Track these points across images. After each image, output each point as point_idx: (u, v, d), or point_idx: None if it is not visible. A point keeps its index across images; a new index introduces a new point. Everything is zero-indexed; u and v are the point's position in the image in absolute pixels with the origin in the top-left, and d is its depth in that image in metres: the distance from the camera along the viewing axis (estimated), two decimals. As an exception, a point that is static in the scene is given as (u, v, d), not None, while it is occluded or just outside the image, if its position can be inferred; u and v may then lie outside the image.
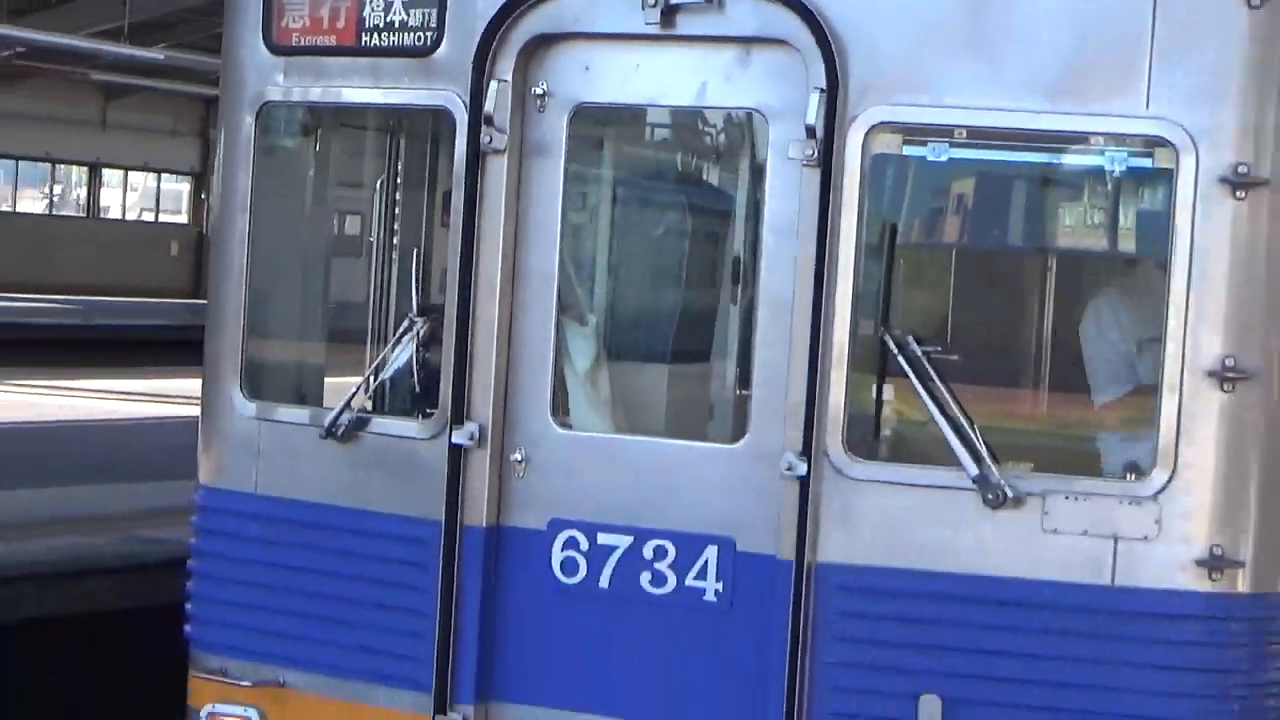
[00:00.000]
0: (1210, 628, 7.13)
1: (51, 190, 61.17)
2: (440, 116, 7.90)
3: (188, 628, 8.38)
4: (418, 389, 7.98)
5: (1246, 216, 7.13)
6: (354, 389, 8.12)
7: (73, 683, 13.85)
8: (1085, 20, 7.18)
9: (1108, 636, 7.13)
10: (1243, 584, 7.13)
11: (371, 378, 8.14)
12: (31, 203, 59.75)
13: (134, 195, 63.59)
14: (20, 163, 57.37)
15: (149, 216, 63.73)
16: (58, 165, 60.48)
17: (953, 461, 7.24)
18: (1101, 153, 7.45)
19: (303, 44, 8.16)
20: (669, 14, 7.52)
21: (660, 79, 7.79)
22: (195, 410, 8.76)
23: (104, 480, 18.07)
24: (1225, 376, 7.10)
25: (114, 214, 63.10)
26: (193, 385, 8.95)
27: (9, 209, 56.37)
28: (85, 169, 61.14)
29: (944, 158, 7.56)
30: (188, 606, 8.40)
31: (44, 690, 14.06)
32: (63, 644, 14.02)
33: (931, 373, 7.35)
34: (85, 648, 13.91)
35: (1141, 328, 7.35)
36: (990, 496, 7.19)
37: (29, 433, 23.06)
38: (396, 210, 8.41)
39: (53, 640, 14.04)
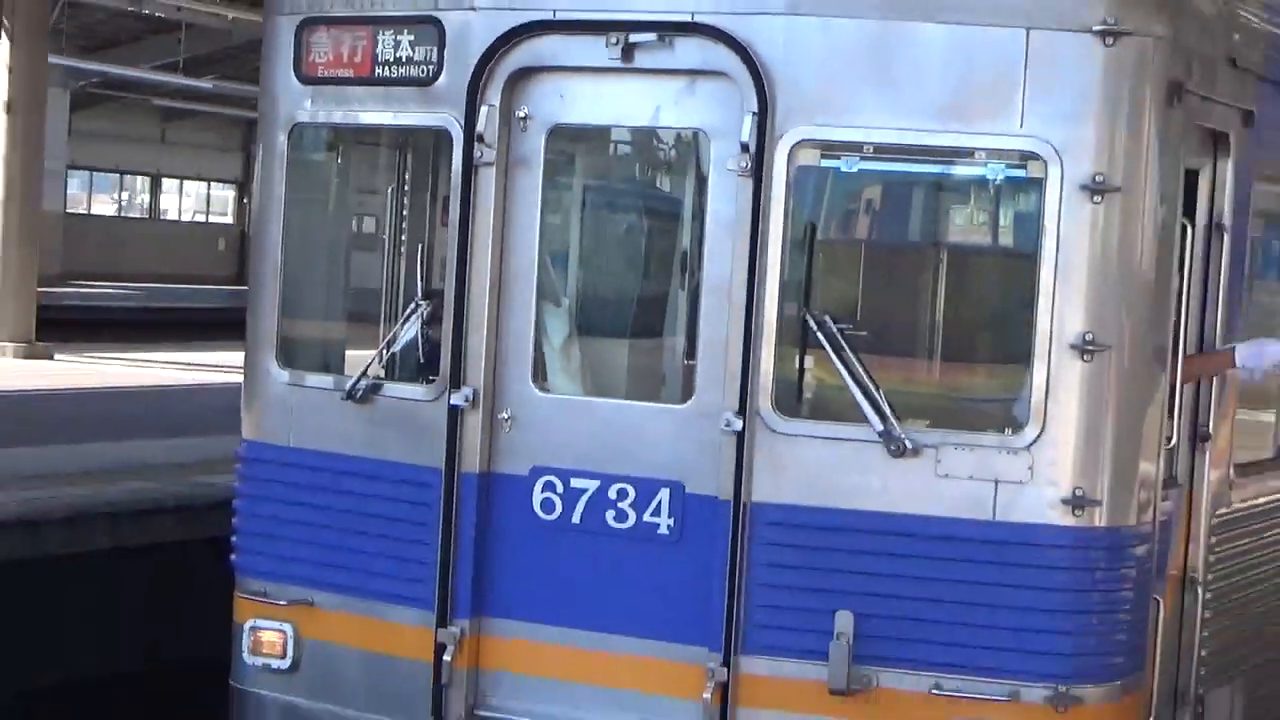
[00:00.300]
0: (1074, 555, 7.13)
1: (120, 196, 61.07)
2: (440, 135, 7.85)
3: (234, 557, 8.34)
4: (422, 360, 7.94)
5: (1102, 217, 7.12)
6: (370, 359, 8.11)
7: (141, 606, 13.80)
8: (969, 57, 7.18)
9: (990, 562, 7.12)
10: (1099, 519, 7.13)
11: (384, 350, 8.10)
12: (103, 207, 59.60)
13: (188, 200, 63.56)
14: (94, 174, 57.17)
15: (200, 218, 63.63)
16: (125, 175, 60.29)
17: (862, 419, 7.22)
18: (984, 165, 7.44)
19: (327, 75, 8.12)
20: (628, 51, 7.48)
21: (621, 104, 7.78)
22: (238, 377, 8.69)
23: (164, 435, 17.99)
24: (1085, 349, 7.09)
25: (171, 216, 62.96)
26: (236, 357, 8.87)
27: (85, 212, 56.12)
28: (148, 178, 60.95)
29: (855, 169, 7.56)
30: (233, 539, 8.36)
31: (122, 610, 14.02)
32: (134, 572, 13.96)
33: (844, 345, 7.32)
34: (153, 576, 13.83)
35: (1016, 308, 7.33)
36: (893, 448, 7.17)
37: (102, 396, 22.92)
38: (404, 212, 8.40)
39: (125, 569, 13.99)
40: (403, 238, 8.38)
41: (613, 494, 7.56)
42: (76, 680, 14.00)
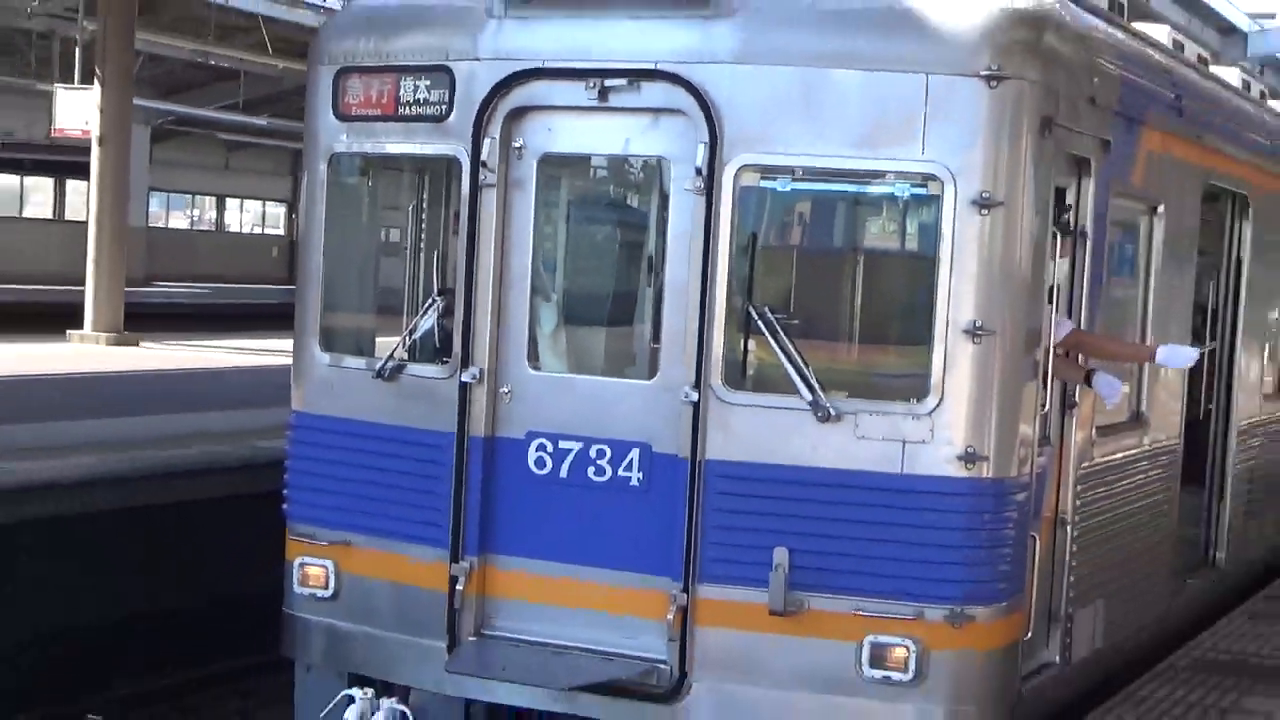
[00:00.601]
0: (966, 501, 7.17)
1: (192, 213, 60.87)
2: (451, 162, 7.85)
3: (285, 506, 8.34)
4: (437, 344, 7.96)
5: (988, 226, 7.15)
6: (395, 345, 8.13)
7: (212, 548, 13.80)
8: (880, 97, 7.20)
9: (898, 508, 7.16)
10: (987, 471, 7.16)
11: (406, 337, 8.12)
12: (178, 221, 59.32)
13: (247, 215, 63.22)
14: (171, 195, 56.94)
15: (258, 230, 63.34)
16: (195, 196, 60.07)
17: (795, 391, 7.25)
18: (893, 184, 7.49)
19: (359, 114, 8.13)
20: (603, 93, 7.49)
21: (598, 136, 7.82)
22: (288, 360, 8.70)
23: (228, 408, 17.95)
24: (975, 334, 7.12)
25: (234, 229, 62.64)
26: (286, 343, 8.87)
27: (164, 226, 55.92)
28: (214, 198, 60.67)
29: (788, 188, 7.63)
30: (285, 492, 8.37)
31: (197, 553, 14.02)
32: (202, 521, 13.96)
33: (780, 332, 7.35)
34: (217, 524, 13.84)
35: (919, 300, 7.36)
36: (819, 414, 7.19)
37: (178, 376, 22.89)
38: (422, 224, 8.42)
39: (202, 517, 14.00)
40: (421, 245, 8.40)
41: (593, 453, 7.58)
42: (164, 610, 14.01)
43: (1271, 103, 14.62)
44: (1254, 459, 11.67)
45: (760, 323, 7.42)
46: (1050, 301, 7.75)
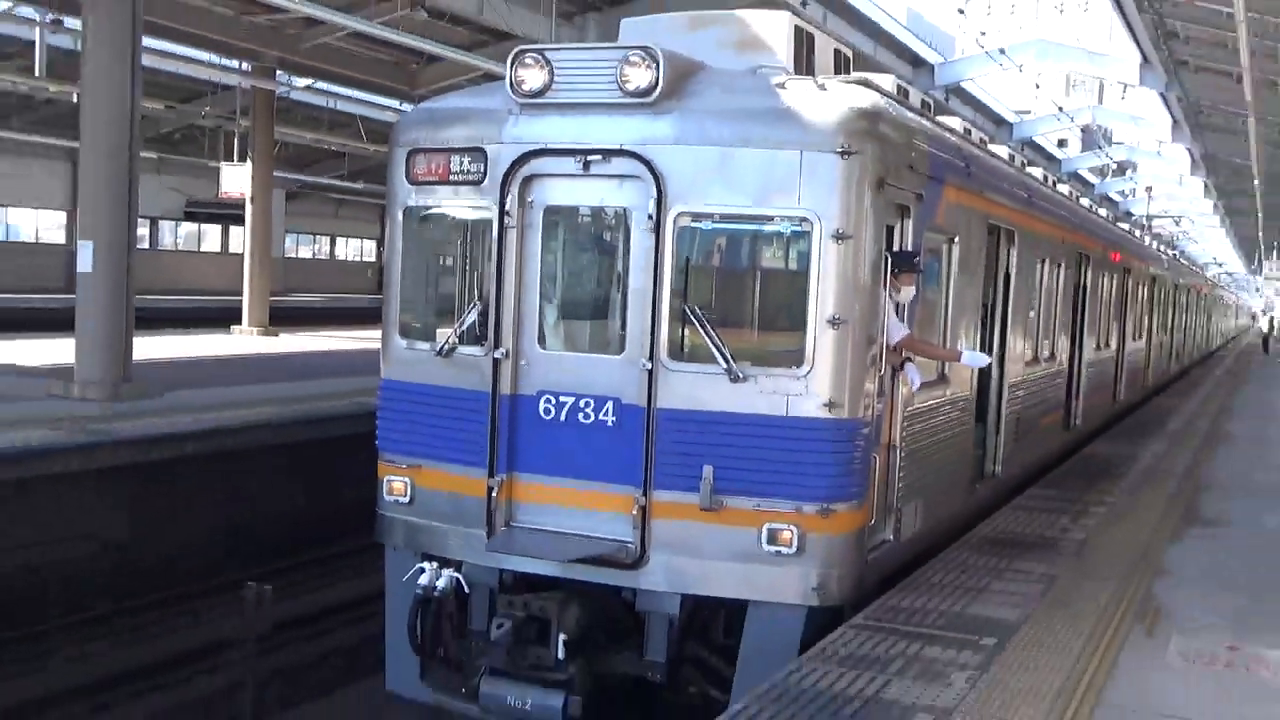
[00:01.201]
0: (829, 433, 7.19)
1: (314, 248, 60.23)
2: (488, 214, 7.83)
3: (378, 441, 8.32)
4: (478, 333, 7.88)
5: (842, 252, 7.17)
6: (449, 334, 8.04)
7: (331, 471, 13.81)
8: (770, 166, 7.21)
9: (785, 438, 7.19)
10: (844, 414, 7.19)
11: (457, 328, 8.03)
12: (304, 252, 58.49)
13: (352, 248, 62.70)
14: (300, 235, 56.35)
15: (357, 258, 62.76)
16: (316, 236, 59.35)
17: (715, 362, 7.26)
18: (780, 224, 7.47)
19: (423, 180, 8.08)
20: (586, 165, 7.47)
21: (583, 194, 7.79)
22: (378, 345, 8.67)
23: (340, 377, 17.94)
24: (834, 323, 7.15)
25: (341, 257, 62.11)
26: (376, 333, 8.84)
27: (295, 256, 55.46)
28: (328, 237, 60.11)
29: (710, 227, 7.60)
30: (378, 431, 8.33)
31: (321, 475, 14.04)
32: (327, 452, 13.97)
33: (706, 323, 7.34)
34: (338, 454, 13.85)
35: (798, 301, 7.35)
36: (731, 377, 7.21)
37: (305, 355, 22.86)
38: (467, 254, 8.33)
39: (324, 452, 14.00)
40: (466, 267, 8.34)
41: (582, 404, 7.55)
42: (295, 512, 14.01)
43: (1029, 169, 14.74)
44: (1018, 406, 11.76)
45: (692, 317, 7.40)
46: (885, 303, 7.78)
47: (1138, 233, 30.26)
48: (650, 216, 7.34)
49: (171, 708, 9.75)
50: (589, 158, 7.52)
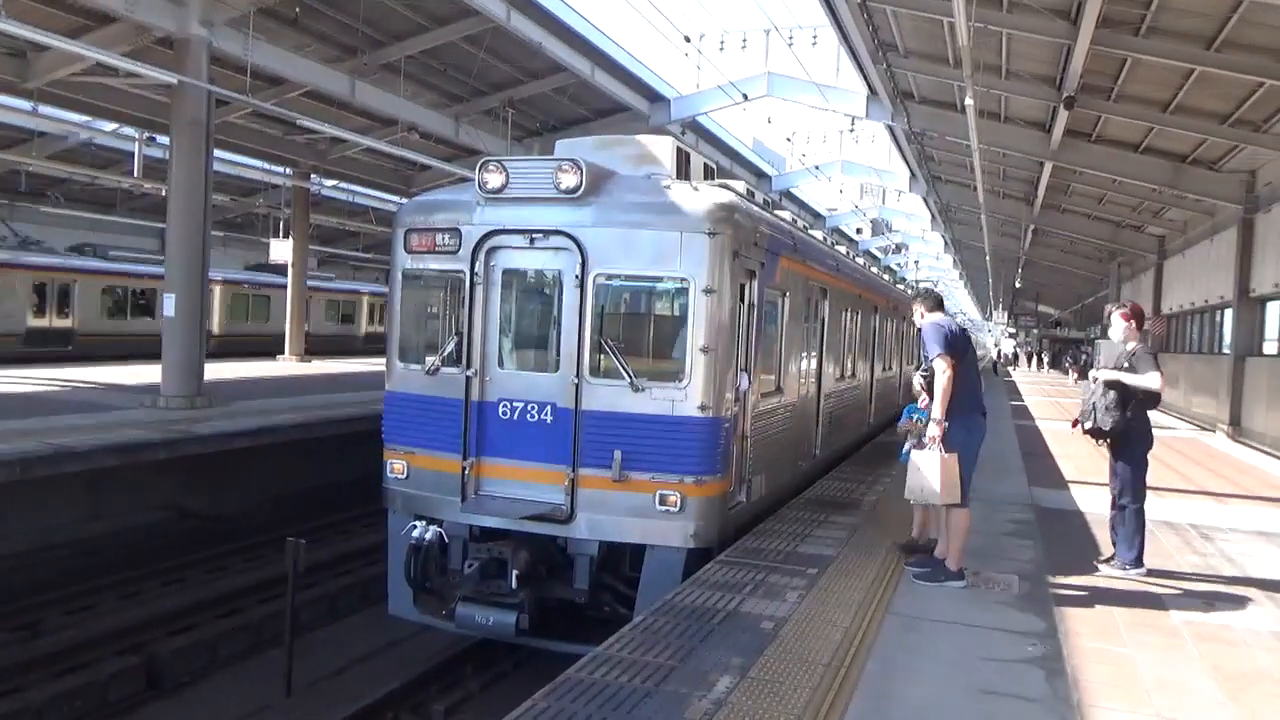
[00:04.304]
0: (702, 428, 7.16)
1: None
2: (460, 273, 7.70)
3: (383, 434, 8.10)
4: (455, 357, 7.72)
5: (711, 302, 7.19)
6: (435, 358, 7.86)
7: (350, 457, 13.48)
8: (660, 241, 7.21)
9: (671, 431, 7.16)
10: (712, 414, 7.18)
11: (441, 354, 7.85)
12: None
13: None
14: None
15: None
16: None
17: (623, 378, 7.22)
18: (667, 283, 7.44)
19: (416, 250, 7.94)
20: (532, 240, 7.43)
21: (530, 260, 7.67)
22: (383, 366, 8.46)
23: (356, 390, 17.57)
24: (705, 350, 7.16)
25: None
26: (381, 359, 8.63)
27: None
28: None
29: (619, 284, 7.52)
30: (384, 428, 8.13)
31: (343, 460, 13.67)
32: (345, 444, 13.64)
33: (616, 352, 7.30)
34: (354, 445, 13.51)
35: (679, 335, 7.33)
36: (634, 388, 7.18)
37: (331, 376, 22.32)
38: (448, 301, 8.12)
39: (347, 443, 13.66)
40: (446, 312, 8.14)
41: (530, 408, 7.44)
42: (324, 485, 13.65)
43: (836, 247, 14.98)
44: (831, 408, 11.88)
45: (606, 347, 7.34)
46: (742, 338, 7.79)
47: (909, 291, 30.94)
48: (577, 277, 7.30)
49: (239, 626, 9.44)
50: (534, 235, 7.47)
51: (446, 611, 7.71)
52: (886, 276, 27.07)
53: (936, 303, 7.15)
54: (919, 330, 7.02)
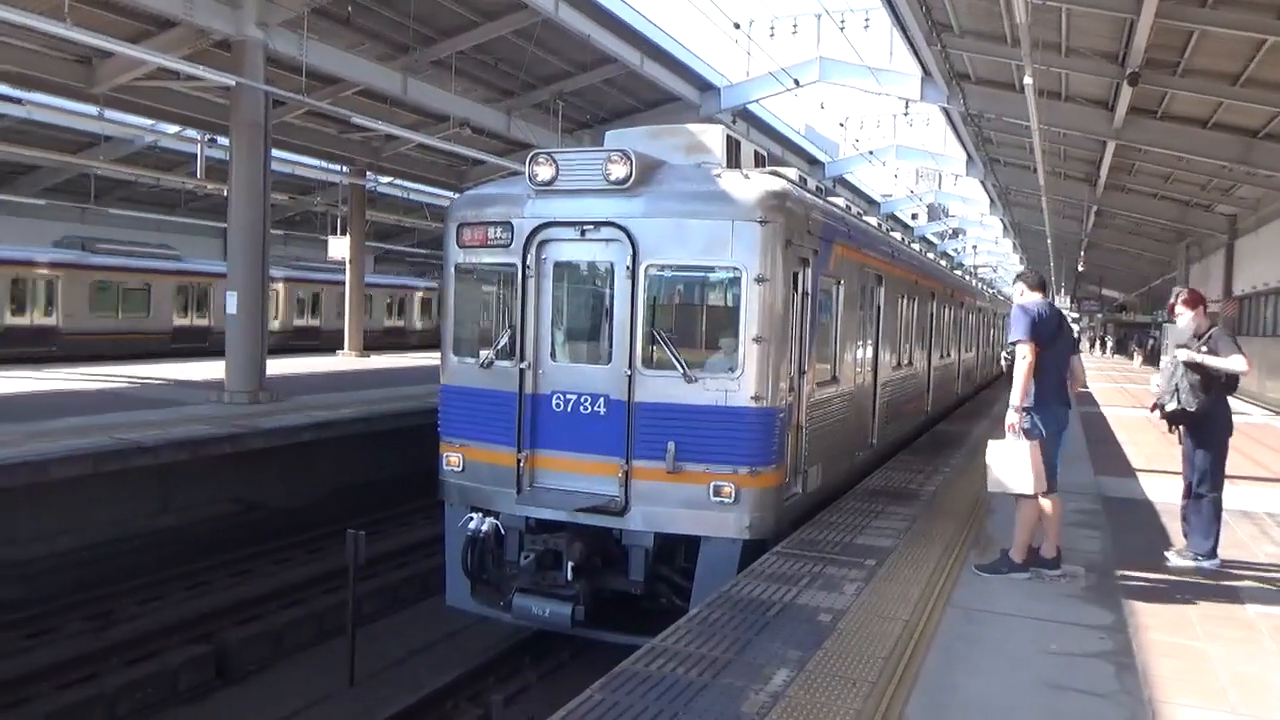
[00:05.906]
0: (756, 418, 7.10)
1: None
2: (514, 267, 7.70)
3: (439, 427, 8.16)
4: (510, 350, 7.75)
5: (763, 291, 7.10)
6: (490, 351, 7.91)
7: (406, 449, 13.65)
8: (711, 231, 7.14)
9: (725, 421, 7.10)
10: (766, 405, 7.12)
11: (495, 347, 7.89)
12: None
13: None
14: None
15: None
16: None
17: (676, 369, 7.19)
18: (719, 272, 7.37)
19: (469, 244, 7.97)
20: (583, 232, 7.42)
21: (582, 252, 7.65)
22: (438, 360, 8.52)
23: (413, 384, 17.79)
24: (758, 340, 7.09)
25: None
26: (437, 353, 8.70)
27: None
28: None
29: (670, 274, 7.49)
30: (439, 421, 8.18)
31: (400, 453, 13.85)
32: (402, 437, 13.80)
33: (668, 342, 7.28)
34: (411, 437, 13.68)
35: (733, 325, 7.25)
36: (687, 379, 7.14)
37: (390, 370, 22.67)
38: (501, 294, 8.13)
39: (403, 436, 13.83)
40: (499, 305, 8.16)
41: (583, 400, 7.44)
42: (381, 480, 13.85)
43: (891, 234, 14.75)
44: (889, 397, 11.71)
45: (658, 337, 7.32)
46: (795, 326, 7.70)
47: (968, 277, 30.34)
48: (628, 268, 7.27)
49: (303, 616, 9.63)
50: (585, 227, 7.46)
51: (503, 603, 7.75)
52: (943, 262, 26.60)
53: (1038, 282, 6.79)
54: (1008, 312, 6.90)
